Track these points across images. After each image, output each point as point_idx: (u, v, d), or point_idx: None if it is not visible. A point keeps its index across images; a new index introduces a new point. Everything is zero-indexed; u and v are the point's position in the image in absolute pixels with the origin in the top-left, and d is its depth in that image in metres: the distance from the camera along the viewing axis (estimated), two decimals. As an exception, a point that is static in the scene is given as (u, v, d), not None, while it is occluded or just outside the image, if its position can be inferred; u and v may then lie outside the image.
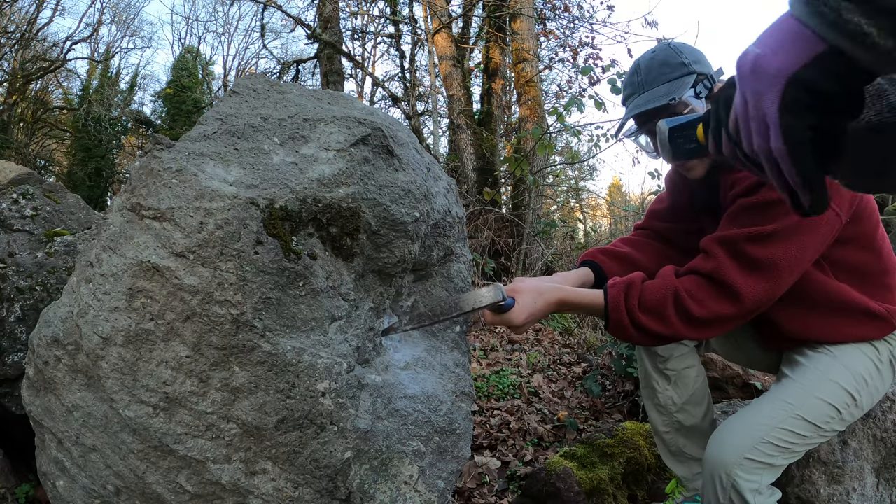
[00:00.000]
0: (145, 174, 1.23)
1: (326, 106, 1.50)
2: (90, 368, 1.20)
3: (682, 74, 1.36)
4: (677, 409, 1.52)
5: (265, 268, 1.17)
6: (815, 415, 1.27)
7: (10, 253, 1.85)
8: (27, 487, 1.63)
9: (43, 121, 16.98)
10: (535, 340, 3.91)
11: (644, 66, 1.41)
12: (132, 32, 20.19)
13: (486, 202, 4.99)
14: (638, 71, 1.42)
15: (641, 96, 1.40)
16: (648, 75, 1.39)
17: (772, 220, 1.21)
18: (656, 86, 1.37)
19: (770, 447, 1.24)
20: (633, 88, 1.43)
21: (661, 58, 1.40)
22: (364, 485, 1.25)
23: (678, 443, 1.56)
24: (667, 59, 1.39)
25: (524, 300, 1.30)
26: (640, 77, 1.41)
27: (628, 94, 1.45)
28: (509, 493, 2.00)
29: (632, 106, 1.42)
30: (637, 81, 1.42)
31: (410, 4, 9.41)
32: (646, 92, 1.39)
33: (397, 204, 1.39)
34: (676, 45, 1.42)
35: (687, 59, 1.38)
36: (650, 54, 1.43)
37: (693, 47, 1.42)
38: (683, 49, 1.41)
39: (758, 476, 1.22)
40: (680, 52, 1.40)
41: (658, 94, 1.36)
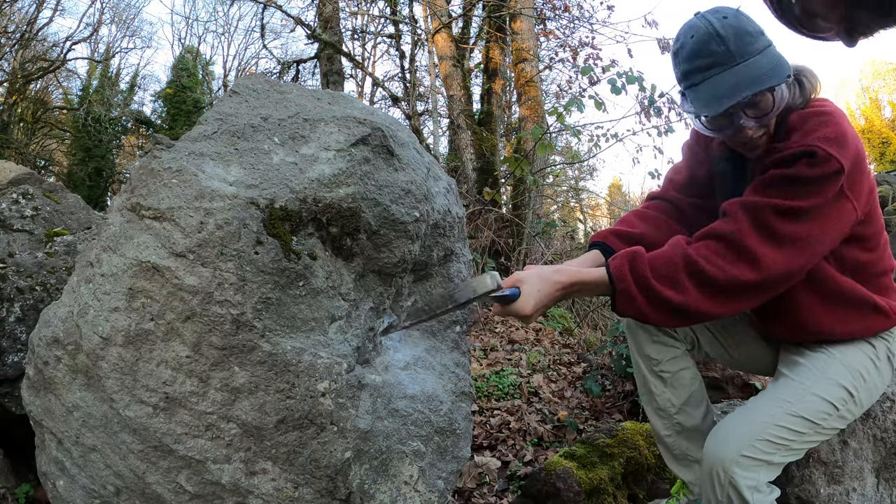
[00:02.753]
0: (145, 174, 1.23)
1: (326, 106, 1.50)
2: (90, 368, 1.20)
3: (767, 45, 1.22)
4: (676, 411, 1.52)
5: (265, 268, 1.17)
6: (812, 412, 1.27)
7: (10, 253, 1.85)
8: (27, 487, 1.63)
9: (43, 121, 16.99)
10: (535, 340, 3.92)
11: (727, 32, 1.19)
12: (132, 32, 20.21)
13: (486, 202, 4.99)
14: (720, 38, 1.19)
15: (738, 69, 1.19)
16: (737, 44, 1.19)
17: (803, 196, 1.18)
18: (749, 58, 1.19)
19: (767, 444, 1.23)
20: (717, 59, 1.20)
21: (738, 24, 1.21)
22: (364, 485, 1.25)
23: (681, 446, 1.55)
24: (745, 27, 1.21)
25: (529, 288, 1.23)
26: (727, 46, 1.19)
27: (709, 63, 1.22)
28: (509, 493, 2.00)
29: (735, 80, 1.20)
30: (723, 51, 1.19)
31: (410, 4, 9.42)
32: (741, 63, 1.19)
33: (397, 204, 1.39)
34: (741, 11, 1.24)
35: (760, 28, 1.23)
36: (722, 19, 1.22)
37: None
38: (753, 20, 1.24)
39: (755, 473, 1.22)
40: (753, 21, 1.23)
41: (764, 67, 1.20)
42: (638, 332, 1.55)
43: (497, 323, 4.34)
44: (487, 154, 6.40)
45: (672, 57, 1.31)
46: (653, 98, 4.48)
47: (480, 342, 3.70)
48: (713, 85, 1.22)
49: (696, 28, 1.23)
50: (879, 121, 29.02)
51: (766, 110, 1.24)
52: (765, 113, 1.24)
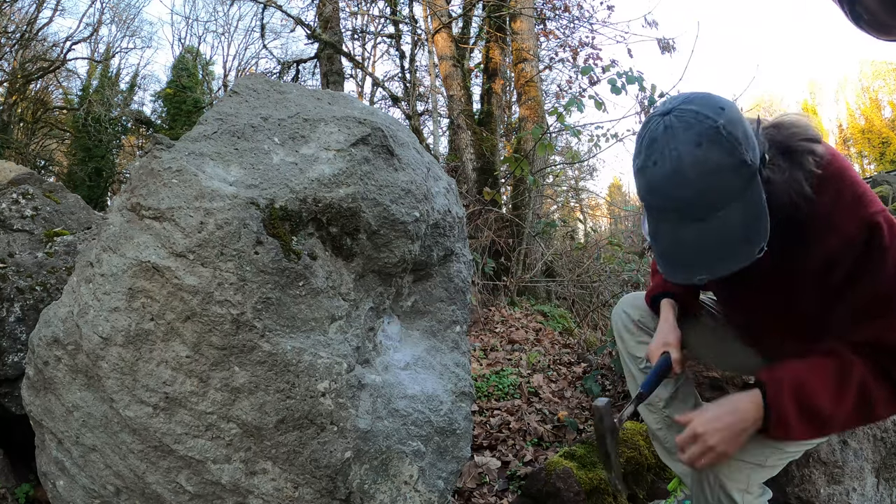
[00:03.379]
0: (145, 174, 1.23)
1: (326, 106, 1.50)
2: (90, 368, 1.20)
3: (747, 184, 0.94)
4: (664, 405, 1.54)
5: (265, 268, 1.17)
6: None
7: (10, 253, 1.85)
8: (27, 487, 1.63)
9: (43, 121, 16.99)
10: (535, 340, 3.92)
11: (694, 173, 0.92)
12: (132, 32, 20.21)
13: (486, 202, 4.99)
14: (684, 181, 0.92)
15: (704, 227, 0.95)
16: (705, 194, 0.93)
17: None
18: (721, 210, 0.93)
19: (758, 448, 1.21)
20: (678, 205, 0.95)
21: (714, 156, 0.92)
22: (364, 485, 1.25)
23: (672, 439, 1.56)
24: (722, 161, 0.92)
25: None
26: (691, 192, 0.93)
27: (668, 207, 0.98)
28: (509, 493, 2.00)
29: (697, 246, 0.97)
30: (686, 198, 0.94)
31: (410, 4, 9.42)
32: (706, 221, 0.94)
33: (397, 204, 1.39)
34: (729, 127, 0.93)
35: (744, 148, 0.94)
36: (694, 148, 0.92)
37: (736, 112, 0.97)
38: (737, 130, 0.94)
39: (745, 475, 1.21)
40: (736, 140, 0.93)
41: (734, 234, 0.95)
42: (623, 333, 1.63)
43: (497, 323, 4.35)
44: (487, 154, 6.40)
45: (633, 162, 1.04)
46: (653, 98, 4.48)
47: (480, 342, 3.70)
48: (672, 235, 1.00)
49: (660, 154, 0.95)
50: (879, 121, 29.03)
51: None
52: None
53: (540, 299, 5.75)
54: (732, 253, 0.96)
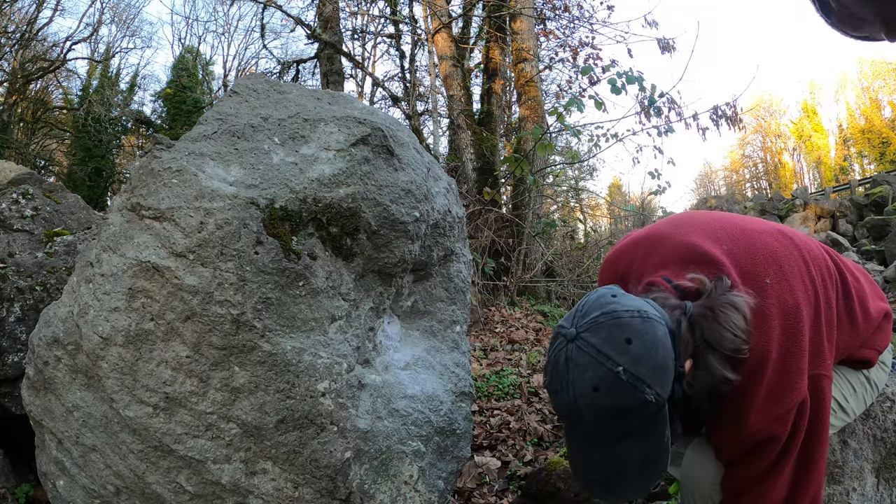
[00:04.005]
0: (145, 174, 1.23)
1: (326, 106, 1.50)
2: (90, 368, 1.20)
3: (650, 419, 0.92)
4: None
5: (265, 268, 1.17)
6: None
7: (10, 253, 1.85)
8: (27, 487, 1.63)
9: (43, 121, 17.00)
10: (535, 340, 3.92)
11: (588, 414, 0.91)
12: (132, 32, 20.24)
13: (486, 202, 4.99)
14: (580, 417, 0.92)
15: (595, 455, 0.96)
16: (599, 429, 0.93)
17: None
18: (615, 445, 0.93)
19: None
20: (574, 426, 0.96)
21: (611, 402, 0.89)
22: (364, 485, 1.25)
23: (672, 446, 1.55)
24: (623, 405, 0.89)
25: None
26: (588, 427, 0.93)
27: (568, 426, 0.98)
28: (509, 493, 2.00)
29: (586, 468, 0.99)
30: (584, 432, 0.95)
31: (410, 4, 9.42)
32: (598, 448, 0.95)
33: (397, 204, 1.39)
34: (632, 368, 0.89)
35: (649, 384, 0.89)
36: (590, 391, 0.89)
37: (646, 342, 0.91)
38: (641, 368, 0.89)
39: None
40: (639, 381, 0.88)
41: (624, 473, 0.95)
42: None
43: (497, 323, 4.35)
44: (487, 154, 6.40)
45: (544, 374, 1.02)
46: (653, 98, 4.49)
47: (480, 342, 3.70)
48: (579, 454, 1.00)
49: (560, 384, 0.93)
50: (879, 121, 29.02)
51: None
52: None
53: (540, 299, 5.75)
54: (626, 487, 0.97)
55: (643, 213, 10.66)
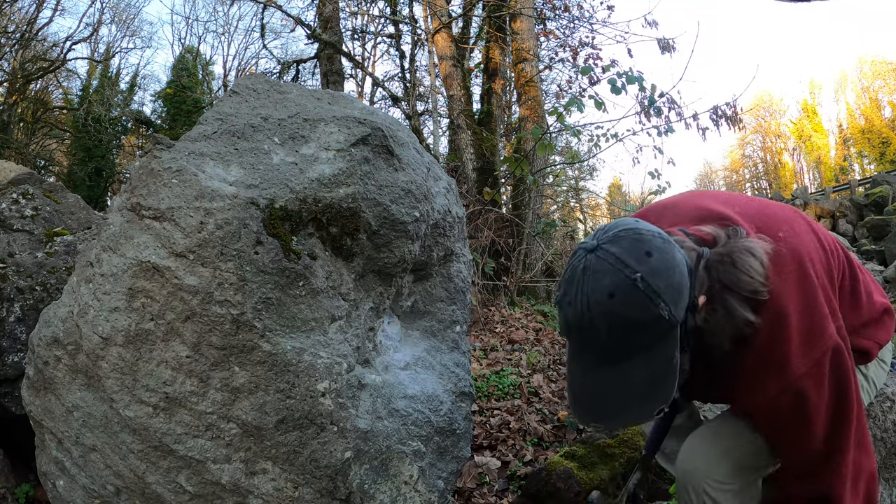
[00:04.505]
0: (145, 174, 1.23)
1: (326, 106, 1.50)
2: (90, 368, 1.20)
3: (661, 338, 0.91)
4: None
5: (265, 268, 1.17)
6: None
7: (10, 253, 1.85)
8: (27, 487, 1.63)
9: (43, 121, 17.00)
10: (535, 340, 3.92)
11: (602, 324, 0.89)
12: (132, 32, 20.24)
13: (486, 202, 4.99)
14: (594, 330, 0.90)
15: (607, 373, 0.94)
16: (610, 342, 0.91)
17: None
18: (624, 361, 0.92)
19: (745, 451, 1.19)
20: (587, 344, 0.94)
21: (625, 311, 0.88)
22: (364, 485, 1.25)
23: (671, 445, 1.56)
24: (636, 316, 0.89)
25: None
26: (601, 342, 0.91)
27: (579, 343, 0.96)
28: (509, 493, 2.00)
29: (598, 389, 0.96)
30: (597, 346, 0.93)
31: (410, 4, 9.42)
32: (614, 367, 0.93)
33: (397, 204, 1.39)
34: (650, 278, 0.89)
35: (664, 301, 0.89)
36: (605, 298, 0.89)
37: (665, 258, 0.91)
38: (658, 282, 0.89)
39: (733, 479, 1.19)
40: (654, 293, 0.88)
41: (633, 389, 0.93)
42: None
43: (497, 323, 4.35)
44: (487, 154, 6.40)
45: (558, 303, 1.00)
46: (653, 98, 4.48)
47: (480, 342, 3.70)
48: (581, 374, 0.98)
49: (575, 295, 0.92)
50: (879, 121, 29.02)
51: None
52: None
53: (540, 299, 5.75)
54: (628, 408, 0.95)
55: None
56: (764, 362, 1.03)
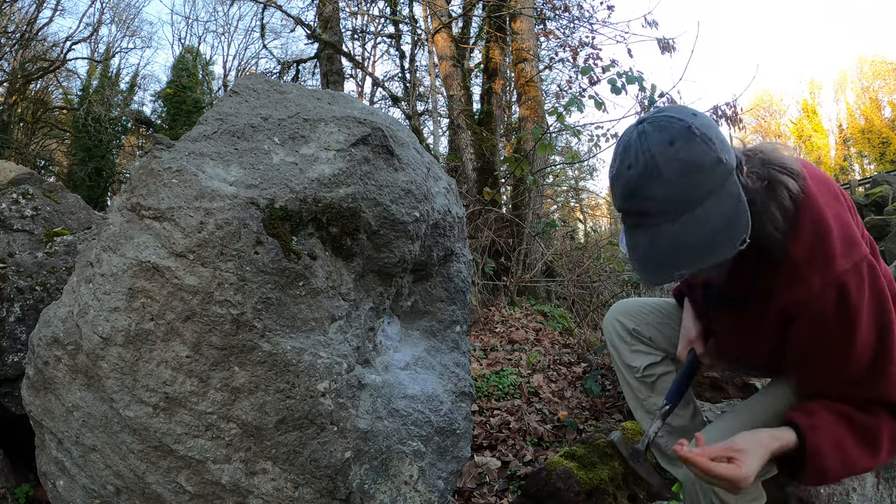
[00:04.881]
0: (145, 174, 1.23)
1: (326, 106, 1.50)
2: (90, 368, 1.20)
3: (724, 177, 0.95)
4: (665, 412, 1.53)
5: (265, 268, 1.17)
6: None
7: (10, 253, 1.85)
8: (27, 487, 1.63)
9: (43, 121, 17.00)
10: (535, 340, 3.92)
11: (670, 170, 0.93)
12: (132, 32, 20.24)
13: (486, 202, 4.99)
14: (660, 179, 0.93)
15: (680, 227, 0.94)
16: (682, 191, 0.93)
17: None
18: (697, 206, 0.93)
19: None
20: (655, 208, 0.96)
21: (689, 156, 0.93)
22: (364, 485, 1.25)
23: (671, 446, 1.56)
24: (697, 160, 0.93)
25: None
26: (668, 191, 0.93)
27: (645, 210, 0.97)
28: (509, 493, 2.00)
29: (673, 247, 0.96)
30: (663, 198, 0.94)
31: (410, 4, 9.43)
32: (685, 217, 0.94)
33: (397, 204, 1.39)
34: (702, 128, 0.95)
35: (718, 147, 0.94)
36: (667, 147, 0.93)
37: (709, 120, 0.98)
38: (710, 132, 0.95)
39: None
40: (709, 139, 0.94)
41: (713, 228, 0.94)
42: (617, 342, 1.60)
43: (497, 323, 4.35)
44: (487, 154, 6.41)
45: (609, 177, 1.05)
46: (653, 98, 4.48)
47: (480, 342, 3.70)
48: (648, 243, 0.98)
49: (634, 157, 0.96)
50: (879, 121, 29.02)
51: (717, 267, 1.01)
52: (716, 268, 1.03)
53: (540, 299, 5.75)
54: (711, 246, 0.95)
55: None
56: (808, 255, 1.03)
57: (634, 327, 1.58)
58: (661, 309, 1.61)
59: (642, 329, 1.58)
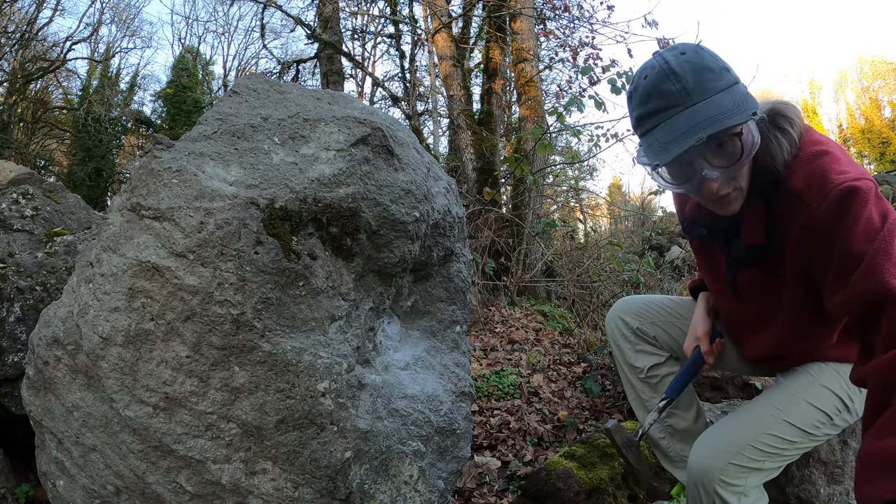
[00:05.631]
0: (145, 174, 1.23)
1: (326, 106, 1.50)
2: (90, 368, 1.20)
3: (731, 83, 1.07)
4: (667, 414, 1.53)
5: (265, 268, 1.17)
6: (804, 420, 1.25)
7: (10, 253, 1.85)
8: (27, 487, 1.63)
9: (43, 121, 16.99)
10: (535, 340, 3.92)
11: (684, 70, 1.05)
12: (132, 32, 20.22)
13: (486, 202, 4.99)
14: (675, 76, 1.05)
15: (695, 108, 1.04)
16: (695, 82, 1.04)
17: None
18: (709, 96, 1.04)
19: (756, 452, 1.22)
20: (671, 100, 1.05)
21: (697, 60, 1.06)
22: (364, 485, 1.25)
23: (675, 448, 1.56)
24: (705, 63, 1.06)
25: None
26: (683, 84, 1.04)
27: (662, 106, 1.06)
28: (509, 493, 1.99)
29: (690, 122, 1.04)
30: (678, 90, 1.04)
31: (410, 4, 9.43)
32: (699, 103, 1.04)
33: (397, 204, 1.39)
34: (708, 50, 1.10)
35: (725, 63, 1.09)
36: (678, 55, 1.07)
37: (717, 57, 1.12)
38: (716, 54, 1.11)
39: (742, 479, 1.21)
40: (716, 56, 1.09)
41: (725, 106, 1.03)
42: (620, 341, 1.59)
43: (497, 323, 4.35)
44: (487, 154, 6.40)
45: (627, 102, 1.16)
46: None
47: (480, 342, 3.69)
48: (667, 129, 1.06)
49: (649, 67, 1.09)
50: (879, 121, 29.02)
51: (733, 157, 1.08)
52: (732, 161, 1.08)
53: (540, 299, 5.75)
54: (725, 115, 1.03)
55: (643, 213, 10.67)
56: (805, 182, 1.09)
57: (638, 326, 1.57)
58: (666, 307, 1.60)
59: (646, 328, 1.56)
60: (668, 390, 1.43)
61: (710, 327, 1.42)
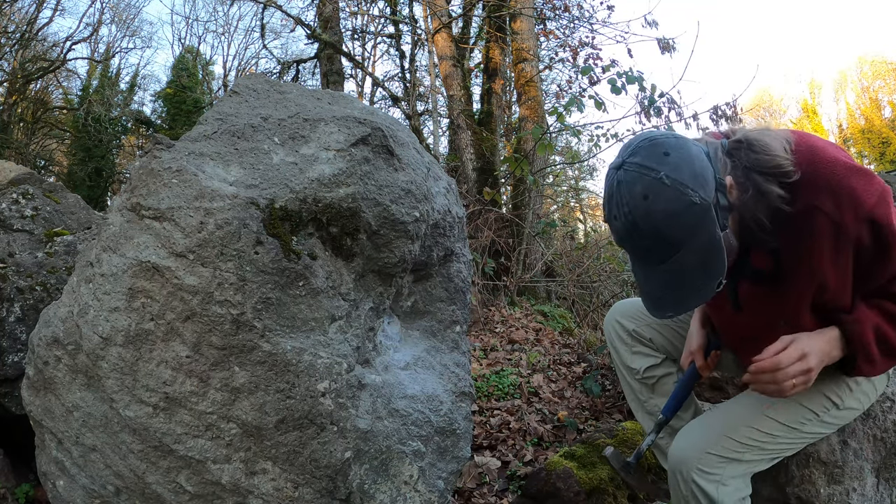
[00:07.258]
0: (145, 174, 1.23)
1: (326, 106, 1.50)
2: (90, 368, 1.20)
3: (699, 220, 1.00)
4: None
5: (265, 268, 1.17)
6: (787, 416, 1.25)
7: (10, 253, 1.85)
8: (27, 487, 1.63)
9: (43, 121, 16.98)
10: (535, 340, 3.92)
11: (647, 228, 1.00)
12: (132, 32, 20.20)
13: (486, 202, 4.99)
14: (640, 234, 1.01)
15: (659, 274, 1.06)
16: (659, 239, 1.01)
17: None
18: (677, 251, 1.02)
19: (734, 443, 1.23)
20: (638, 250, 1.06)
21: (661, 206, 0.98)
22: (364, 485, 1.25)
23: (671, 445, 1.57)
24: (672, 208, 0.98)
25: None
26: (646, 245, 1.03)
27: (630, 248, 1.08)
28: (509, 493, 1.99)
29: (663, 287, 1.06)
30: (644, 248, 1.04)
31: (410, 4, 9.43)
32: (664, 265, 1.04)
33: (397, 204, 1.39)
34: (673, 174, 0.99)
35: (693, 189, 0.99)
36: (641, 202, 0.99)
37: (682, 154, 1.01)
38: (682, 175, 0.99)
39: (720, 469, 1.22)
40: (681, 184, 0.98)
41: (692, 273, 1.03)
42: (617, 344, 1.61)
43: (497, 323, 4.35)
44: (487, 154, 6.41)
45: (602, 203, 1.13)
46: (653, 98, 4.48)
47: (480, 342, 3.69)
48: (645, 279, 1.09)
49: (617, 208, 1.03)
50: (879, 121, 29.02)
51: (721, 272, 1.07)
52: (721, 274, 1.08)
53: (540, 299, 5.75)
54: (695, 289, 1.06)
55: None
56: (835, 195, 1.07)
57: (634, 328, 1.58)
58: None
59: (642, 330, 1.58)
60: (665, 410, 1.44)
61: (704, 341, 1.42)
